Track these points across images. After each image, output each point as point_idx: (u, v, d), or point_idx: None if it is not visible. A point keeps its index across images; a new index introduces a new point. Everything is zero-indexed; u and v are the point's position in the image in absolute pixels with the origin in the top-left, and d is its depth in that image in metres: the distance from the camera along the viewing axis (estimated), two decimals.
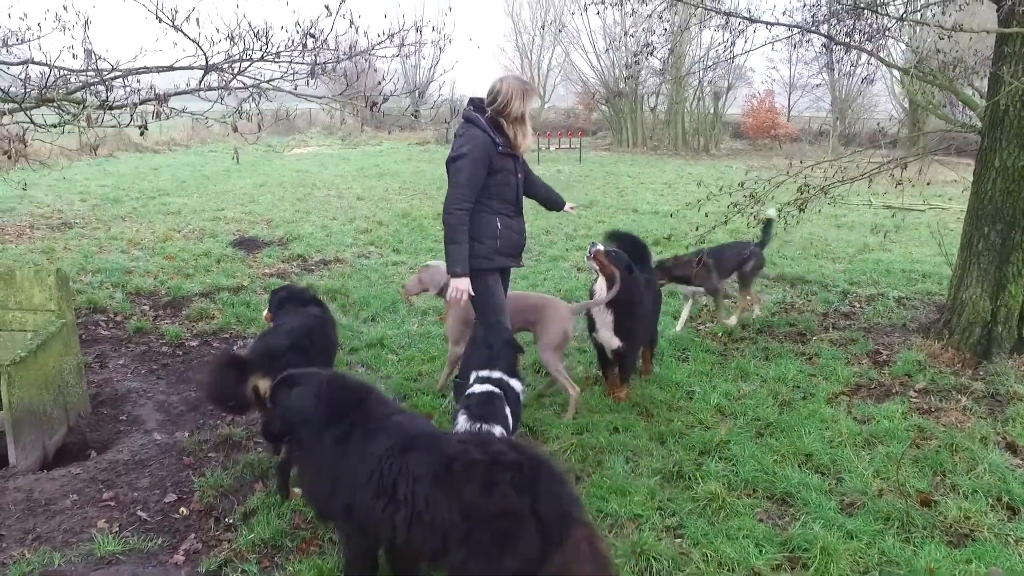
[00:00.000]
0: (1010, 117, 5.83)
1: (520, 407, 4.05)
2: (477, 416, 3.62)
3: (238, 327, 6.82)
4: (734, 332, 6.84)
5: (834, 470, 4.33)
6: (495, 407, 3.72)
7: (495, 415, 3.66)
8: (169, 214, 12.88)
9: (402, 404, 5.09)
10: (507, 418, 3.73)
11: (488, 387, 3.83)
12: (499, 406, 3.74)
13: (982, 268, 6.14)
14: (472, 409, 3.68)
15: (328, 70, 5.47)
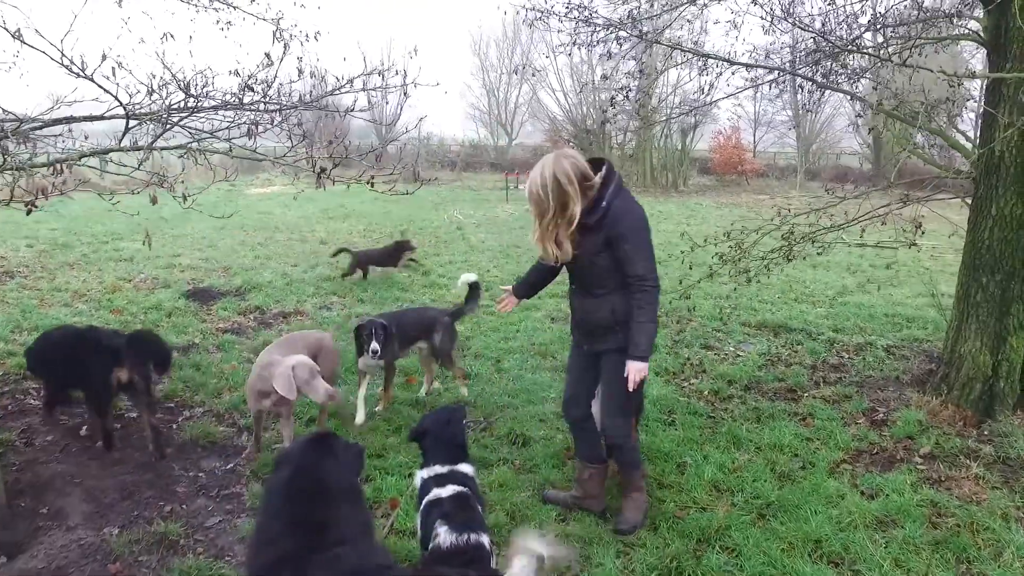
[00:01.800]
0: (1006, 163, 5.55)
1: (480, 495, 3.57)
2: (462, 525, 3.11)
3: (185, 395, 6.23)
4: (721, 390, 6.42)
5: (848, 559, 3.89)
6: (473, 510, 3.22)
7: (477, 521, 3.16)
8: (121, 261, 12.23)
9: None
10: (485, 521, 3.24)
11: (453, 487, 3.33)
12: (475, 508, 3.25)
13: (981, 320, 5.82)
14: (453, 517, 3.17)
15: (272, 124, 4.94)
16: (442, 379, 6.57)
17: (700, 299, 9.81)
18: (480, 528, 3.08)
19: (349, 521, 2.68)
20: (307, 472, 2.78)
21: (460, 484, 3.36)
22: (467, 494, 3.29)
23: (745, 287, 8.10)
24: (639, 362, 3.94)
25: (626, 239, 3.87)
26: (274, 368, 4.66)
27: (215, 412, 5.89)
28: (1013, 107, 5.39)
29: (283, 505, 2.70)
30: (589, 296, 4.08)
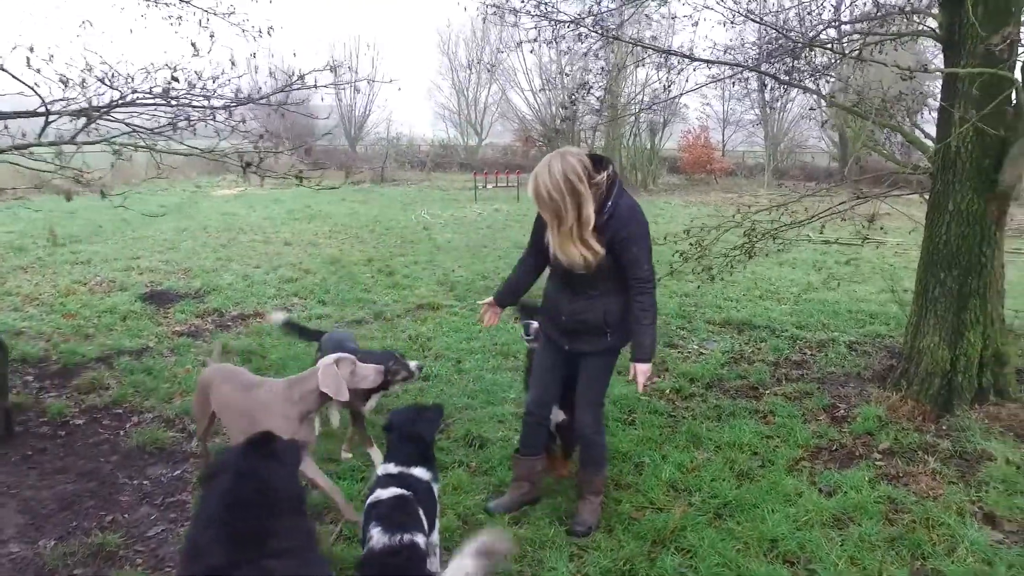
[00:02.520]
0: (962, 159, 5.56)
1: (434, 501, 3.46)
2: (395, 525, 3.01)
3: (135, 400, 6.05)
4: (683, 389, 6.37)
5: (803, 558, 3.84)
6: (410, 511, 3.12)
7: (413, 522, 3.06)
8: (78, 264, 11.93)
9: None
10: (422, 523, 3.13)
11: (395, 490, 3.23)
12: (413, 509, 3.15)
13: (939, 315, 5.83)
14: (387, 518, 3.07)
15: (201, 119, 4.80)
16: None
17: (665, 297, 9.80)
18: (415, 528, 2.98)
19: (286, 530, 2.56)
20: (242, 479, 2.66)
21: (406, 487, 3.26)
22: (407, 498, 3.19)
23: (710, 285, 8.10)
24: (645, 364, 3.90)
25: (635, 241, 3.75)
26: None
27: (164, 417, 5.72)
28: (967, 103, 5.39)
29: (215, 514, 2.57)
30: (581, 297, 3.93)
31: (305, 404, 3.97)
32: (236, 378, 4.30)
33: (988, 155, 5.48)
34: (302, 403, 3.96)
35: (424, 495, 3.34)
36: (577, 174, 3.57)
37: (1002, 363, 5.80)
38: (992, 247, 5.64)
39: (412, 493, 3.24)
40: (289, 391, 3.98)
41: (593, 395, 4.13)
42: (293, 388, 3.99)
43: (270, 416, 3.85)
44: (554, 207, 3.60)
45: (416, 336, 7.89)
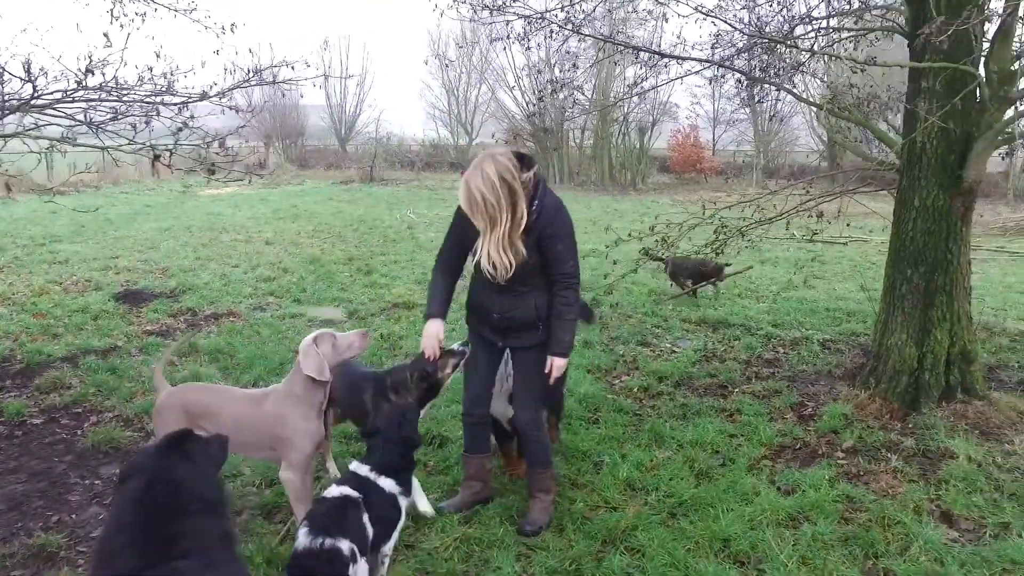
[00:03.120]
0: (927, 155, 5.52)
1: (395, 513, 3.40)
2: (320, 528, 2.95)
3: (96, 399, 5.98)
4: (651, 387, 6.32)
5: (755, 558, 3.79)
6: (347, 516, 3.06)
7: (344, 527, 3.00)
8: (55, 263, 11.84)
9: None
10: (363, 529, 3.07)
11: (343, 490, 3.18)
12: (353, 515, 3.09)
13: (906, 312, 5.79)
14: (316, 519, 3.01)
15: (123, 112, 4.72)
16: None
17: (643, 296, 9.77)
18: (343, 534, 2.92)
19: (198, 532, 2.50)
20: (155, 481, 2.59)
21: (363, 492, 3.22)
22: (351, 501, 3.13)
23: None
24: (562, 358, 3.92)
25: (560, 238, 3.77)
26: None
27: (124, 417, 5.65)
28: (932, 98, 5.36)
29: (126, 517, 2.51)
30: (509, 294, 3.91)
31: (315, 395, 3.86)
32: (229, 397, 4.09)
33: (953, 151, 5.45)
34: (311, 395, 3.84)
35: (382, 505, 3.28)
36: (511, 173, 3.55)
37: (969, 361, 5.76)
38: (958, 243, 5.60)
39: (363, 497, 3.19)
40: (293, 389, 3.85)
41: (530, 393, 4.09)
42: (295, 385, 3.85)
43: (290, 423, 3.77)
44: (490, 212, 3.56)
45: (388, 335, 7.82)
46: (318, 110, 43.01)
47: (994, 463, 4.82)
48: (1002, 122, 5.32)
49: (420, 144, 38.58)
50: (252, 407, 3.93)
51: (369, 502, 3.21)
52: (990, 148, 5.44)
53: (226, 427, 3.82)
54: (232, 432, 3.72)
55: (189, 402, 3.98)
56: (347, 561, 2.87)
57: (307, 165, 36.90)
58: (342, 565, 2.85)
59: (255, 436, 3.87)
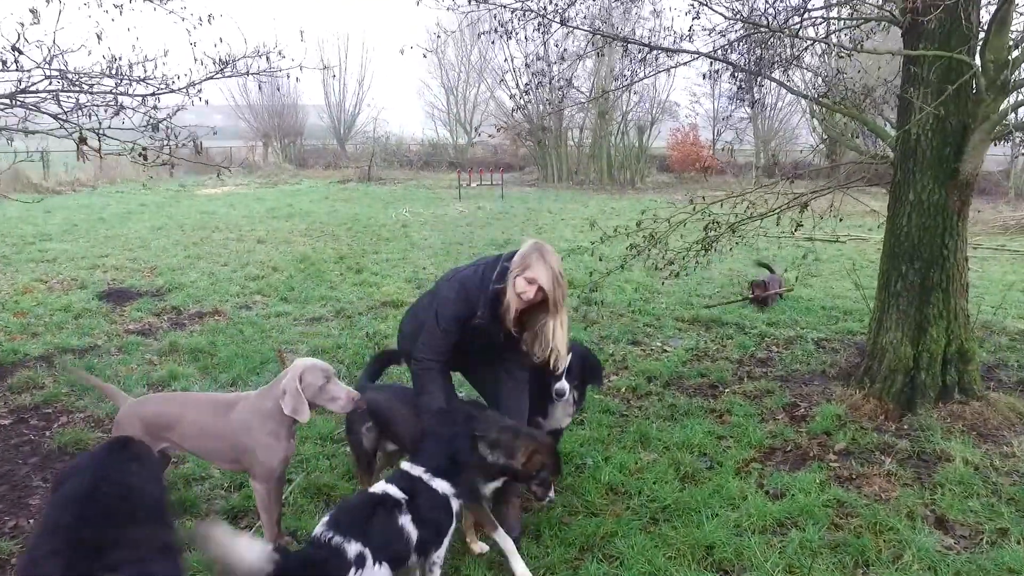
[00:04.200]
0: (922, 147, 5.35)
1: (446, 518, 3.17)
2: (336, 524, 2.81)
3: (68, 399, 5.82)
4: (640, 387, 6.15)
5: (739, 566, 3.61)
6: (373, 517, 2.90)
7: (361, 529, 2.83)
8: (43, 262, 11.69)
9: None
10: (395, 534, 2.92)
11: (385, 487, 3.04)
12: (383, 517, 2.92)
13: (901, 310, 5.62)
14: (340, 513, 2.88)
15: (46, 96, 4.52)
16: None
17: (633, 294, 9.60)
18: (359, 537, 2.76)
19: (137, 542, 2.34)
20: (95, 483, 2.44)
21: (410, 494, 3.07)
22: (389, 499, 2.99)
23: (675, 281, 7.89)
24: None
25: None
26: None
27: (94, 418, 5.49)
28: (927, 89, 5.19)
29: (59, 520, 2.36)
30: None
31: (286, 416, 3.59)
32: (192, 404, 3.85)
33: (949, 143, 5.28)
34: (282, 415, 3.57)
35: (433, 508, 3.10)
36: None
37: (966, 360, 5.59)
38: (955, 239, 5.43)
39: (409, 499, 3.03)
40: (265, 404, 3.60)
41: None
42: (267, 400, 3.60)
43: (256, 436, 3.56)
44: (563, 292, 3.71)
45: (373, 334, 7.66)
46: (318, 110, 42.88)
47: (991, 466, 4.65)
48: (999, 113, 5.14)
49: (419, 144, 38.42)
50: (217, 415, 3.71)
51: (417, 504, 3.04)
52: (987, 140, 5.26)
53: (189, 435, 3.71)
54: (196, 439, 3.71)
55: (148, 415, 3.75)
56: (348, 564, 2.69)
57: (306, 165, 36.75)
58: (340, 567, 2.68)
59: (218, 444, 3.68)
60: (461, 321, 3.79)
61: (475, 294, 3.77)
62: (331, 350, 7.08)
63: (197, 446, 3.75)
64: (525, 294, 3.67)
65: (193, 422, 3.70)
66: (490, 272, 3.77)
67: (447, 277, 3.98)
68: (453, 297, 3.80)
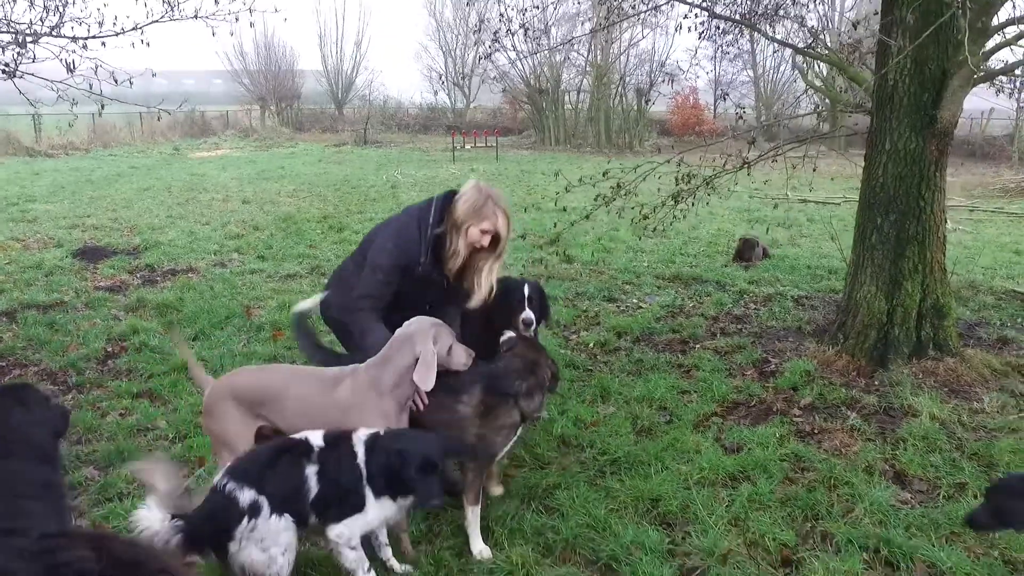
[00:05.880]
0: (899, 94, 5.14)
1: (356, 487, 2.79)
2: (232, 470, 2.70)
3: (24, 353, 5.72)
4: (609, 342, 6.02)
5: (684, 519, 3.50)
6: (276, 464, 2.74)
7: (259, 476, 2.68)
8: (23, 222, 11.55)
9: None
10: (298, 483, 2.73)
11: (304, 434, 2.89)
12: (287, 464, 2.74)
13: (876, 264, 5.45)
14: (240, 460, 2.78)
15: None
16: None
17: (620, 252, 9.45)
18: (250, 482, 2.67)
19: (14, 478, 2.24)
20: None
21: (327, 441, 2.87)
22: (296, 447, 2.82)
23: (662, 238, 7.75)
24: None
25: None
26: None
27: (48, 371, 5.40)
28: (905, 31, 4.96)
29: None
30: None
31: (404, 390, 3.24)
32: (293, 377, 3.40)
33: (927, 89, 5.06)
34: (399, 390, 3.22)
35: (345, 469, 2.79)
36: None
37: (942, 315, 5.42)
38: (932, 190, 5.24)
39: (324, 448, 2.80)
40: (380, 379, 3.21)
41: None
42: (383, 374, 3.21)
43: (368, 418, 3.09)
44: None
45: None
46: (316, 75, 42.44)
47: (959, 421, 4.51)
48: (979, 56, 4.92)
49: (418, 108, 38.01)
50: (323, 390, 3.26)
51: (328, 456, 2.79)
52: (967, 86, 5.04)
53: (288, 412, 3.19)
54: (296, 417, 3.16)
55: (240, 388, 3.25)
56: (240, 513, 2.58)
57: (303, 128, 36.40)
58: (230, 515, 2.57)
59: (322, 424, 3.12)
60: (401, 268, 3.63)
61: (414, 240, 3.62)
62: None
63: (295, 425, 3.13)
64: (479, 243, 3.56)
65: (296, 398, 3.23)
66: (426, 216, 3.61)
67: (374, 232, 3.84)
68: (391, 246, 3.63)
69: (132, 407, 4.74)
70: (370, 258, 3.67)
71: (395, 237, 3.65)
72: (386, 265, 3.61)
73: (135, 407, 4.74)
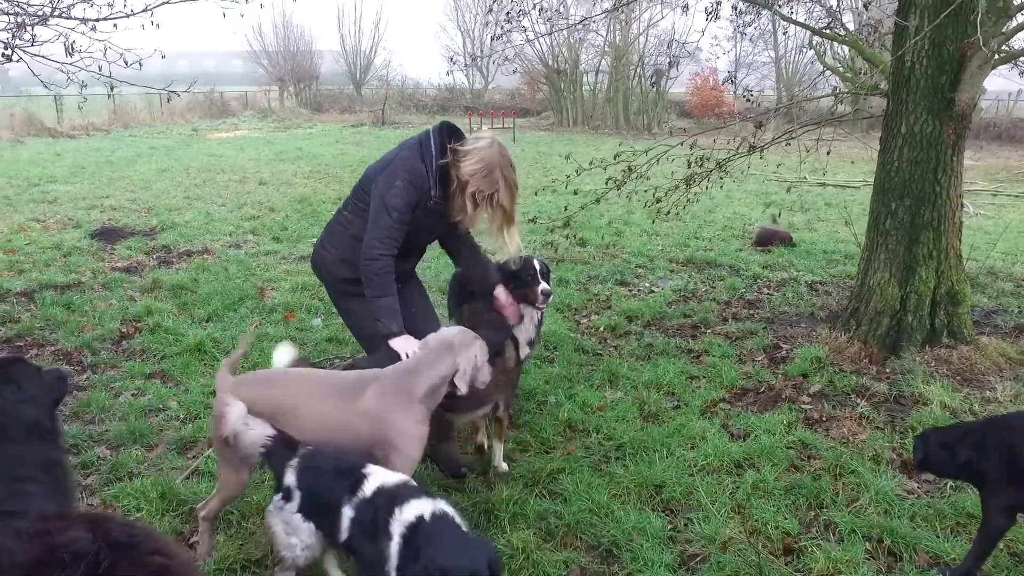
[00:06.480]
0: (916, 76, 5.04)
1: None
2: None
3: (41, 333, 5.80)
4: (619, 326, 6.01)
5: (687, 506, 3.50)
6: (326, 481, 2.60)
7: (304, 469, 2.66)
8: (43, 203, 11.67)
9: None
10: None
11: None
12: (335, 496, 2.53)
13: (890, 250, 5.38)
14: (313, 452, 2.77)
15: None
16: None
17: (634, 235, 9.41)
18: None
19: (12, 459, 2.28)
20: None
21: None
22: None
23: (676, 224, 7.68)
24: None
25: None
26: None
27: (63, 351, 5.47)
28: (923, 12, 4.86)
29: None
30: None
31: (437, 397, 3.07)
32: (308, 388, 3.06)
33: (945, 71, 4.97)
34: (432, 397, 3.05)
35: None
36: None
37: (956, 302, 5.35)
38: (948, 174, 5.15)
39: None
40: (412, 386, 2.99)
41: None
42: (417, 380, 3.00)
43: (400, 425, 2.93)
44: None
45: None
46: (334, 55, 42.40)
47: (970, 411, 4.47)
48: (1000, 37, 4.81)
49: (436, 88, 37.88)
50: (342, 402, 2.98)
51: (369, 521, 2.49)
52: (986, 67, 4.94)
53: (304, 428, 2.90)
54: (315, 431, 2.90)
55: (248, 403, 2.85)
56: (281, 486, 2.69)
57: (321, 109, 36.43)
58: (279, 481, 2.70)
59: (345, 439, 2.92)
60: (412, 206, 3.48)
61: (422, 174, 3.47)
62: (312, 287, 6.98)
63: (313, 437, 2.88)
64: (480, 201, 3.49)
65: (312, 412, 2.95)
66: (428, 148, 3.49)
67: (371, 174, 3.65)
68: (400, 183, 3.43)
69: (144, 388, 4.80)
70: (378, 199, 3.46)
71: (403, 173, 3.45)
72: (399, 204, 3.42)
73: (147, 388, 4.80)
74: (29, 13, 4.21)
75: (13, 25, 4.14)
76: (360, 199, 3.65)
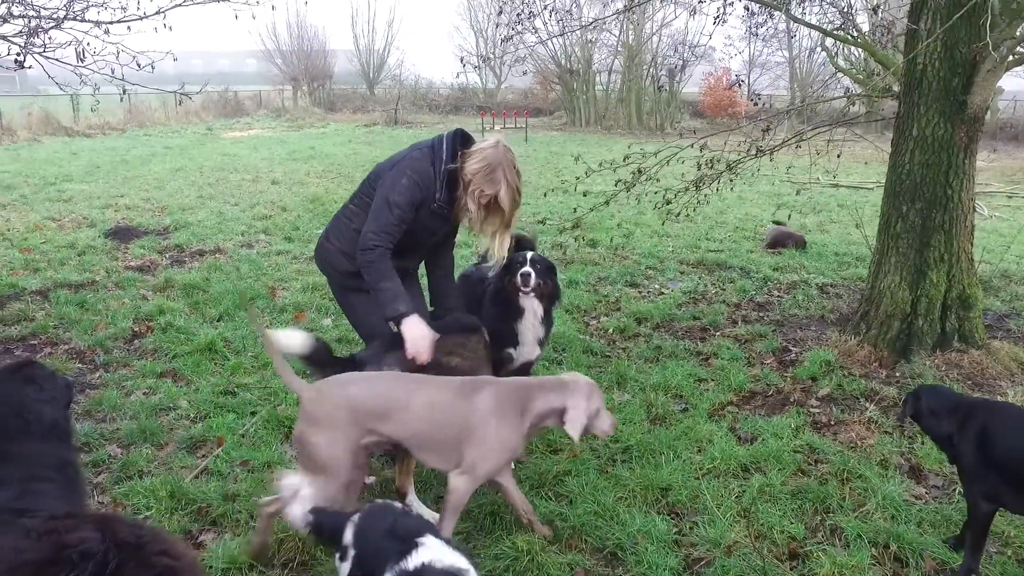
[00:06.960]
0: (928, 79, 5.02)
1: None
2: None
3: (55, 332, 5.86)
4: (628, 328, 6.01)
5: (692, 509, 3.50)
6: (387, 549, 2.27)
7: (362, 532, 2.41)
8: (59, 201, 11.78)
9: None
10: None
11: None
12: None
13: (901, 253, 5.36)
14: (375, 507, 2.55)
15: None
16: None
17: (645, 237, 9.40)
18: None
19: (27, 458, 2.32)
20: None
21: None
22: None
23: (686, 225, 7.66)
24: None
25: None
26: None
27: (77, 349, 5.52)
28: (935, 14, 4.84)
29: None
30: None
31: (536, 426, 3.10)
32: (429, 382, 3.10)
33: (957, 74, 4.94)
34: (533, 426, 3.08)
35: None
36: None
37: (968, 306, 5.32)
38: (960, 177, 5.12)
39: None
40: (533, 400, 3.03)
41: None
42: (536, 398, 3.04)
43: (495, 429, 2.95)
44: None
45: None
46: (348, 54, 42.56)
47: None
48: (1014, 39, 4.78)
49: (449, 88, 37.97)
50: (455, 397, 2.99)
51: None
52: (999, 70, 4.91)
53: (416, 419, 2.93)
54: (421, 422, 2.93)
55: (359, 399, 2.91)
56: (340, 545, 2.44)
57: (334, 108, 36.57)
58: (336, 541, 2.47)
59: (448, 432, 2.95)
60: (416, 205, 3.51)
61: (429, 175, 3.50)
62: (323, 287, 7.01)
63: (419, 432, 2.94)
64: (483, 203, 3.52)
65: (425, 404, 2.96)
66: (439, 151, 3.52)
67: (380, 170, 3.67)
68: (406, 182, 3.46)
69: (156, 387, 4.85)
70: (382, 194, 3.49)
71: (410, 173, 3.48)
72: (402, 201, 3.44)
73: (158, 386, 4.85)
74: (43, 16, 4.25)
75: (27, 30, 4.19)
76: (366, 194, 3.66)
